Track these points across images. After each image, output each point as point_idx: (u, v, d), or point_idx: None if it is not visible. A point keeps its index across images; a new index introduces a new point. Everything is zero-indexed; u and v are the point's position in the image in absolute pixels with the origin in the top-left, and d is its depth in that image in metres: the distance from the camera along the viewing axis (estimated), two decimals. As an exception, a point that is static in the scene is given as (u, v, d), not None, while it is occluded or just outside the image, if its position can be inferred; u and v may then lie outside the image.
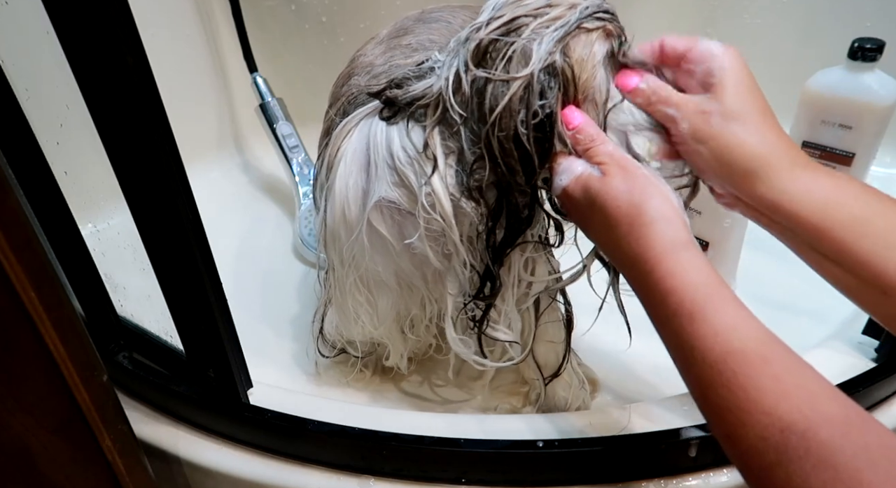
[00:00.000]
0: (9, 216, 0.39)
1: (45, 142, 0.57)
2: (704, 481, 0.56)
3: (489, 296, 0.55)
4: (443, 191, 0.51)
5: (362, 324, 0.63)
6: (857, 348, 0.66)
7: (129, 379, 0.67)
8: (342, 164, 0.56)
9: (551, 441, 0.56)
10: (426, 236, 0.53)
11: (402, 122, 0.53)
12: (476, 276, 0.55)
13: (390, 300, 0.61)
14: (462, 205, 0.51)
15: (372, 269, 0.58)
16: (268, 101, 1.06)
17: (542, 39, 0.47)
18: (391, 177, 0.53)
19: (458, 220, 0.52)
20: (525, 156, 0.48)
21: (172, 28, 1.08)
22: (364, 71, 0.65)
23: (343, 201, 0.56)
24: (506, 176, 0.49)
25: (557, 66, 0.47)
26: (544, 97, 0.47)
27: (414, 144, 0.52)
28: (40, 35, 0.45)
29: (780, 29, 1.11)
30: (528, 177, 0.49)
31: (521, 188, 0.50)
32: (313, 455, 0.60)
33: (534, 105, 0.47)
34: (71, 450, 0.49)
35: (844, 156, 0.91)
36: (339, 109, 0.63)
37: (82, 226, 0.62)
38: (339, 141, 0.56)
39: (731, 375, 0.36)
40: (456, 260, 0.55)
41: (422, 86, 0.52)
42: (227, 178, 1.16)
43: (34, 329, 0.42)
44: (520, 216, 0.51)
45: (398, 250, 0.56)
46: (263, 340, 0.79)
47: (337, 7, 1.12)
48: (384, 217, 0.55)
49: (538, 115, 0.47)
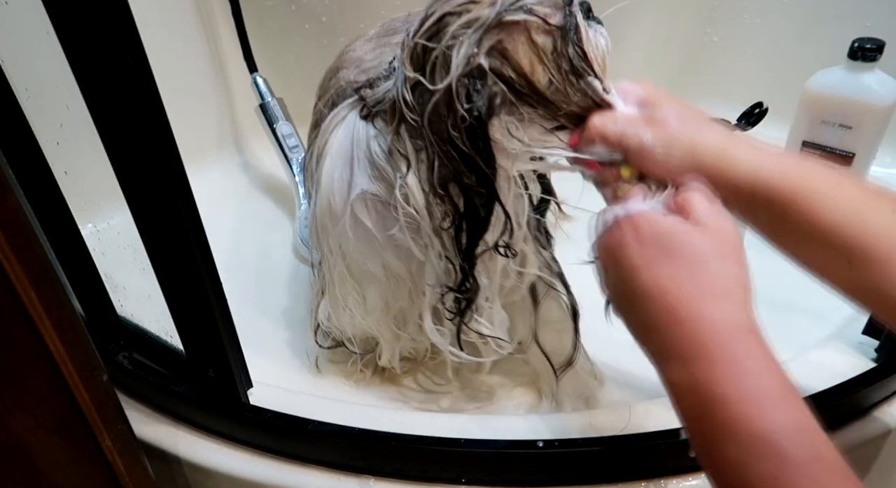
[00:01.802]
0: (9, 216, 0.39)
1: (45, 142, 0.57)
2: (704, 481, 0.56)
3: (466, 291, 0.56)
4: (416, 185, 0.52)
5: (351, 314, 0.64)
6: (857, 348, 0.66)
7: (129, 379, 0.67)
8: (328, 158, 0.58)
9: (551, 441, 0.56)
10: (406, 227, 0.54)
11: (376, 121, 0.54)
12: (454, 269, 0.55)
13: (378, 290, 0.62)
14: (430, 200, 0.52)
15: (359, 260, 0.59)
16: (268, 101, 1.06)
17: (462, 44, 0.47)
18: (372, 172, 0.55)
19: (430, 213, 0.53)
20: (466, 158, 0.48)
21: (172, 28, 1.08)
22: (353, 65, 0.66)
23: (328, 192, 0.58)
24: (457, 175, 0.49)
25: (486, 67, 0.47)
26: (471, 100, 0.47)
27: (385, 143, 0.53)
28: (40, 35, 0.44)
29: (780, 29, 1.11)
30: (478, 177, 0.49)
31: (475, 188, 0.50)
32: (313, 455, 0.60)
33: (459, 110, 0.47)
34: (71, 450, 0.49)
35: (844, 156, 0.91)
36: (328, 101, 0.65)
37: (82, 226, 0.62)
38: (326, 134, 0.58)
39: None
40: (432, 251, 0.55)
41: (383, 89, 0.54)
42: (227, 178, 1.16)
43: (34, 329, 0.42)
44: (479, 215, 0.51)
45: (382, 241, 0.57)
46: (263, 340, 0.79)
47: (337, 7, 1.12)
48: (368, 209, 0.56)
49: (466, 120, 0.47)
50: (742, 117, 0.88)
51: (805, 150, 0.94)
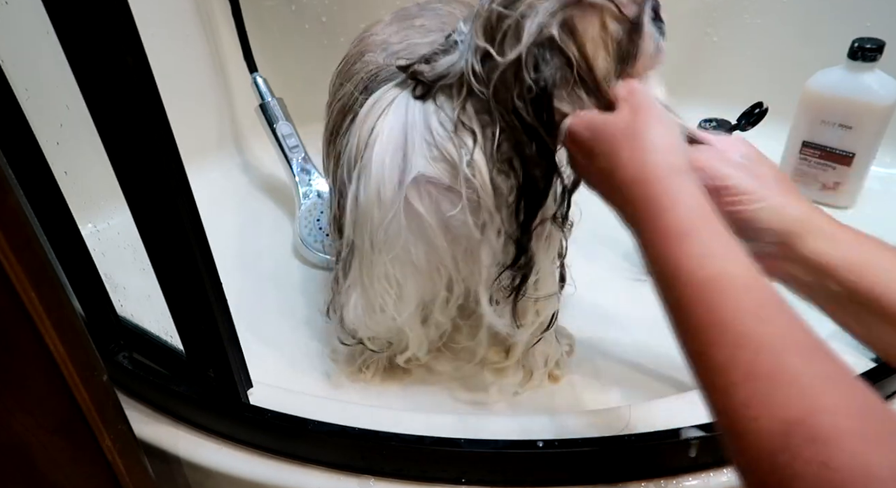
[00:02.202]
0: (9, 216, 0.39)
1: (45, 142, 0.57)
2: (704, 481, 0.56)
3: (524, 266, 0.56)
4: (482, 160, 0.52)
5: (384, 312, 0.62)
6: (857, 348, 0.66)
7: (129, 379, 0.67)
8: (378, 144, 0.55)
9: (551, 441, 0.56)
10: (467, 207, 0.54)
11: (437, 97, 0.53)
12: (510, 246, 0.55)
13: (417, 284, 0.61)
14: (494, 176, 0.52)
15: (404, 250, 0.58)
16: (268, 101, 1.06)
17: (537, 13, 0.47)
18: (430, 153, 0.54)
19: (495, 188, 0.53)
20: (529, 129, 0.49)
21: (172, 28, 1.08)
22: (379, 48, 0.65)
23: (379, 181, 0.55)
24: (519, 147, 0.50)
25: (557, 39, 0.47)
26: (538, 71, 0.47)
27: (451, 119, 0.53)
28: (40, 35, 0.44)
29: (780, 29, 1.11)
30: (539, 148, 0.49)
31: (535, 160, 0.50)
32: (313, 455, 0.60)
33: (526, 80, 0.47)
34: (71, 450, 0.49)
35: (844, 156, 0.91)
36: (359, 85, 0.63)
37: (82, 226, 0.62)
38: (373, 119, 0.56)
39: (714, 295, 0.37)
40: (491, 229, 0.55)
41: (447, 62, 0.53)
42: (227, 178, 1.16)
43: (34, 329, 0.42)
44: (538, 187, 0.51)
45: (435, 228, 0.56)
46: (263, 340, 0.79)
47: (337, 7, 1.12)
48: (421, 194, 0.55)
49: (532, 90, 0.47)
50: (742, 117, 0.88)
51: (805, 151, 0.94)
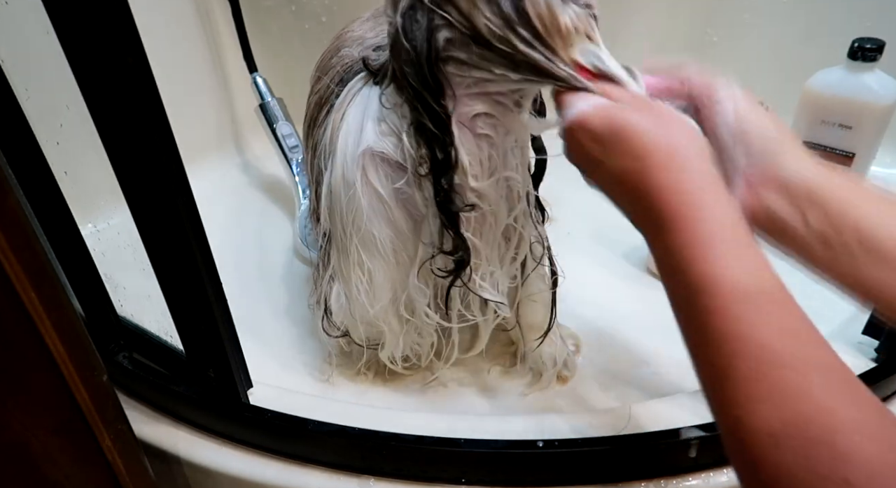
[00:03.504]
0: (9, 216, 0.39)
1: (45, 142, 0.57)
2: (704, 481, 0.56)
3: (454, 252, 0.57)
4: (411, 135, 0.54)
5: (360, 302, 0.64)
6: (857, 348, 0.66)
7: (129, 379, 0.67)
8: (342, 128, 0.58)
9: (551, 441, 0.56)
10: (412, 181, 0.56)
11: (384, 79, 0.56)
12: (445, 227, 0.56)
13: (386, 271, 0.62)
14: (419, 148, 0.53)
15: (368, 232, 0.60)
16: (268, 101, 1.06)
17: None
18: (378, 128, 0.56)
19: (421, 163, 0.54)
20: (418, 95, 0.50)
21: (172, 28, 1.08)
22: (355, 43, 0.68)
23: (343, 161, 0.58)
24: (416, 114, 0.51)
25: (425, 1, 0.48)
26: (411, 36, 0.49)
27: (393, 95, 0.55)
28: (40, 35, 0.45)
29: (780, 29, 1.11)
30: (431, 117, 0.51)
31: (431, 130, 0.51)
32: (313, 455, 0.60)
33: (404, 45, 0.49)
34: (71, 450, 0.49)
35: (844, 156, 0.91)
36: (335, 78, 0.66)
37: (82, 226, 0.62)
38: (343, 106, 0.59)
39: (742, 307, 0.37)
40: (431, 208, 0.56)
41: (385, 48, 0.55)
42: (227, 178, 1.17)
43: (34, 329, 0.42)
44: (438, 159, 0.52)
45: (388, 202, 0.58)
46: (263, 340, 0.79)
47: (337, 7, 1.12)
48: (377, 169, 0.57)
49: (410, 54, 0.49)
50: (742, 117, 0.88)
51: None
